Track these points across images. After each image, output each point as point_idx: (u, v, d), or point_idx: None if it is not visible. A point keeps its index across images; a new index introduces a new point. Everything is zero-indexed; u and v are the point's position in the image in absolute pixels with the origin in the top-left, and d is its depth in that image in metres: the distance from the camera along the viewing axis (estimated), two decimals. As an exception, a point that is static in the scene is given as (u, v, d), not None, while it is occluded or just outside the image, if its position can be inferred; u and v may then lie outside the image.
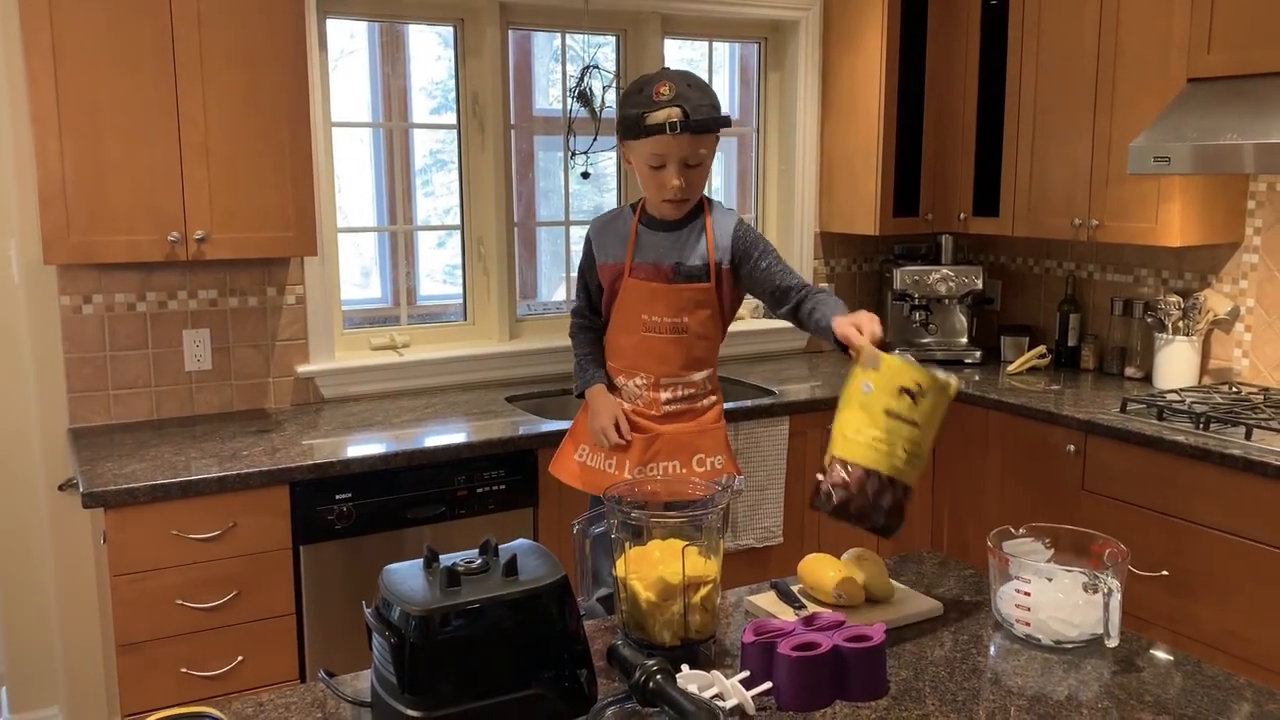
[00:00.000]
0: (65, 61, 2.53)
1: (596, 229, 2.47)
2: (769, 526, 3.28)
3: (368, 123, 3.46)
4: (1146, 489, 2.89)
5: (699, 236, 2.36)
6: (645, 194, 2.37)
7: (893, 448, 1.73)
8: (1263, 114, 2.74)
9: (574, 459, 2.52)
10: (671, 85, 2.21)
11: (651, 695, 1.27)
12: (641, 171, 2.30)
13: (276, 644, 2.63)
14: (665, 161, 2.24)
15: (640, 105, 2.22)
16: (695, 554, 1.51)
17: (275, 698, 1.45)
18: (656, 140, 2.21)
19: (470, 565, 1.37)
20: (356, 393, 3.31)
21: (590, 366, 2.51)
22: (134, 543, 2.45)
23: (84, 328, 2.93)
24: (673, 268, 2.35)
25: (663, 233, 2.37)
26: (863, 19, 3.76)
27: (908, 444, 1.73)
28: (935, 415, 1.76)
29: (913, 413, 1.75)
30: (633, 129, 2.23)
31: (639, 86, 2.26)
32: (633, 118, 2.23)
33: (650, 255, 2.37)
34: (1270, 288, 3.25)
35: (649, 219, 2.39)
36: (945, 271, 3.81)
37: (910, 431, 1.74)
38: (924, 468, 1.82)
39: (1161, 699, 1.44)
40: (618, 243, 2.40)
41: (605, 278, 2.42)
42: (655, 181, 2.28)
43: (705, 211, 2.38)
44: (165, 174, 2.67)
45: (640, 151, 2.25)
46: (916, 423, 1.74)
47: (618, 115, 2.31)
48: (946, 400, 1.77)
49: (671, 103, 2.19)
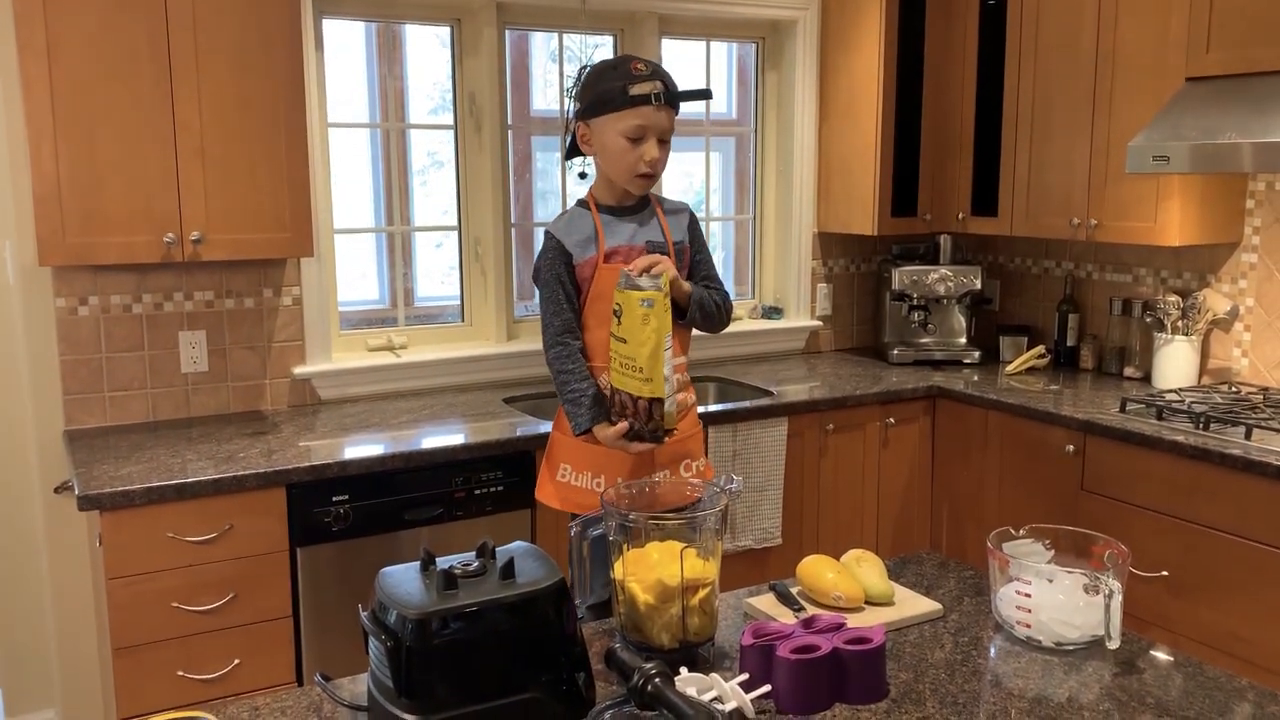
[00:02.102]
0: (60, 62, 2.52)
1: (563, 230, 2.35)
2: (767, 528, 3.27)
3: (364, 123, 3.45)
4: (1146, 489, 2.89)
5: (656, 221, 2.39)
6: (613, 174, 2.32)
7: (612, 364, 2.18)
8: (1261, 113, 2.73)
9: (558, 480, 2.39)
10: (646, 62, 2.28)
11: (650, 698, 1.26)
12: (615, 147, 2.27)
13: (273, 647, 2.62)
14: (646, 134, 2.25)
15: (621, 78, 2.24)
16: (694, 556, 1.50)
17: (271, 701, 1.44)
18: (640, 111, 2.23)
19: (467, 568, 1.36)
20: (353, 394, 3.30)
21: (596, 404, 2.28)
22: (130, 545, 2.44)
23: (79, 330, 2.92)
24: (645, 247, 2.33)
25: (625, 219, 2.36)
26: (861, 19, 3.76)
27: (621, 359, 2.15)
28: (641, 326, 2.10)
29: (618, 330, 2.14)
30: (614, 101, 2.24)
31: (612, 64, 2.30)
32: (615, 89, 2.24)
33: (622, 239, 2.35)
34: (1269, 287, 3.25)
35: (606, 208, 2.37)
36: (944, 271, 3.81)
37: (619, 346, 2.14)
38: (650, 376, 2.13)
39: (1163, 701, 1.43)
40: (586, 237, 2.35)
41: (584, 274, 2.34)
42: (632, 156, 2.27)
43: (653, 200, 2.43)
44: (161, 175, 2.66)
45: (618, 126, 2.25)
46: (623, 339, 2.13)
47: (589, 93, 2.30)
48: (641, 310, 2.09)
49: (652, 76, 2.25)
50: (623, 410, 2.21)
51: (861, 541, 3.49)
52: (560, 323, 2.31)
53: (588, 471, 2.34)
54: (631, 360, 2.13)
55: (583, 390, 2.28)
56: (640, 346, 2.11)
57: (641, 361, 2.11)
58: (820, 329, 4.14)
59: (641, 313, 2.09)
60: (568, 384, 2.30)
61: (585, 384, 2.28)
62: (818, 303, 4.12)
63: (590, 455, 2.32)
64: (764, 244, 4.16)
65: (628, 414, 2.20)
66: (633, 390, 2.16)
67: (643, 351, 2.11)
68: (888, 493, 3.53)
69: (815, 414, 3.33)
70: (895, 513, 3.56)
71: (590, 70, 2.34)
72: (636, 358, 2.12)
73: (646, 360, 2.11)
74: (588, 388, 2.28)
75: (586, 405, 2.27)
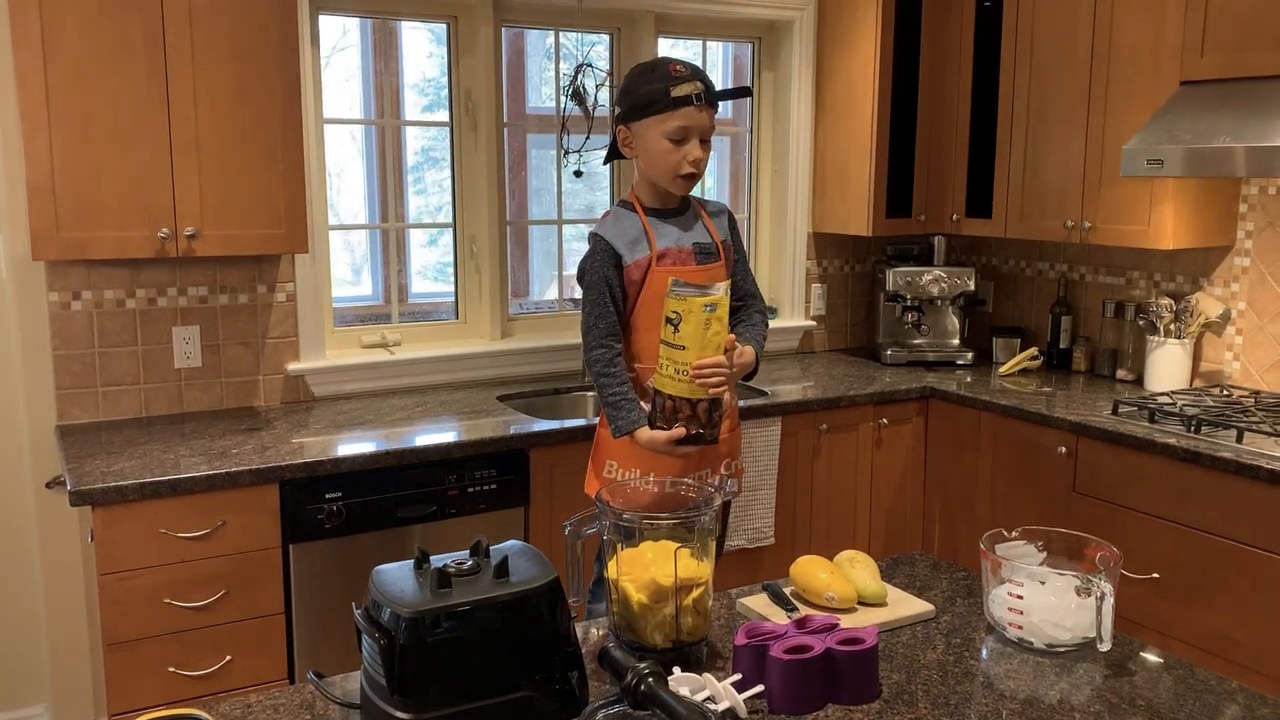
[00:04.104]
0: (54, 55, 2.51)
1: (611, 233, 2.35)
2: (760, 528, 3.28)
3: (360, 119, 3.44)
4: (1138, 492, 2.90)
5: (699, 221, 2.42)
6: (655, 175, 2.34)
7: (663, 370, 2.17)
8: (1255, 117, 2.74)
9: (604, 476, 2.43)
10: (684, 64, 2.29)
11: (643, 698, 1.26)
12: (658, 149, 2.29)
13: (265, 644, 2.62)
14: (688, 134, 2.28)
15: (662, 80, 2.26)
16: (687, 556, 1.50)
17: (264, 699, 1.44)
18: (684, 113, 2.26)
19: (461, 566, 1.36)
20: (347, 391, 3.30)
21: (635, 406, 2.33)
22: (122, 541, 2.44)
23: (72, 324, 2.91)
24: (692, 249, 2.37)
25: (670, 220, 2.38)
26: (857, 19, 3.76)
27: (676, 365, 2.14)
28: (701, 332, 2.10)
29: (674, 338, 2.12)
30: (658, 103, 2.26)
31: (651, 67, 2.31)
32: (658, 91, 2.26)
33: (670, 241, 2.37)
34: (1261, 291, 3.26)
35: (651, 210, 2.39)
36: (937, 273, 3.81)
37: (674, 354, 2.13)
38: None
39: (1153, 703, 1.44)
40: (635, 239, 2.36)
41: (635, 276, 2.35)
42: (675, 157, 2.29)
43: (694, 203, 2.45)
44: (155, 170, 2.65)
45: (661, 128, 2.27)
46: (681, 345, 2.12)
47: (629, 97, 2.32)
48: (704, 315, 2.08)
49: (692, 78, 2.27)
50: (675, 414, 2.21)
51: (854, 542, 3.49)
52: (605, 325, 2.34)
53: (635, 469, 2.36)
54: (689, 366, 2.14)
55: (624, 394, 2.33)
56: (703, 351, 2.12)
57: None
58: (814, 329, 4.14)
59: (704, 317, 2.09)
60: (608, 387, 2.34)
61: (626, 388, 2.34)
62: (812, 303, 4.12)
63: (637, 452, 2.34)
64: (758, 244, 4.16)
65: (681, 417, 2.20)
66: (689, 395, 2.17)
67: (705, 352, 2.12)
68: (881, 493, 3.54)
69: (809, 414, 3.33)
70: (888, 513, 3.57)
71: (629, 74, 2.36)
72: (693, 362, 2.14)
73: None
74: (628, 391, 2.34)
75: (626, 409, 2.32)
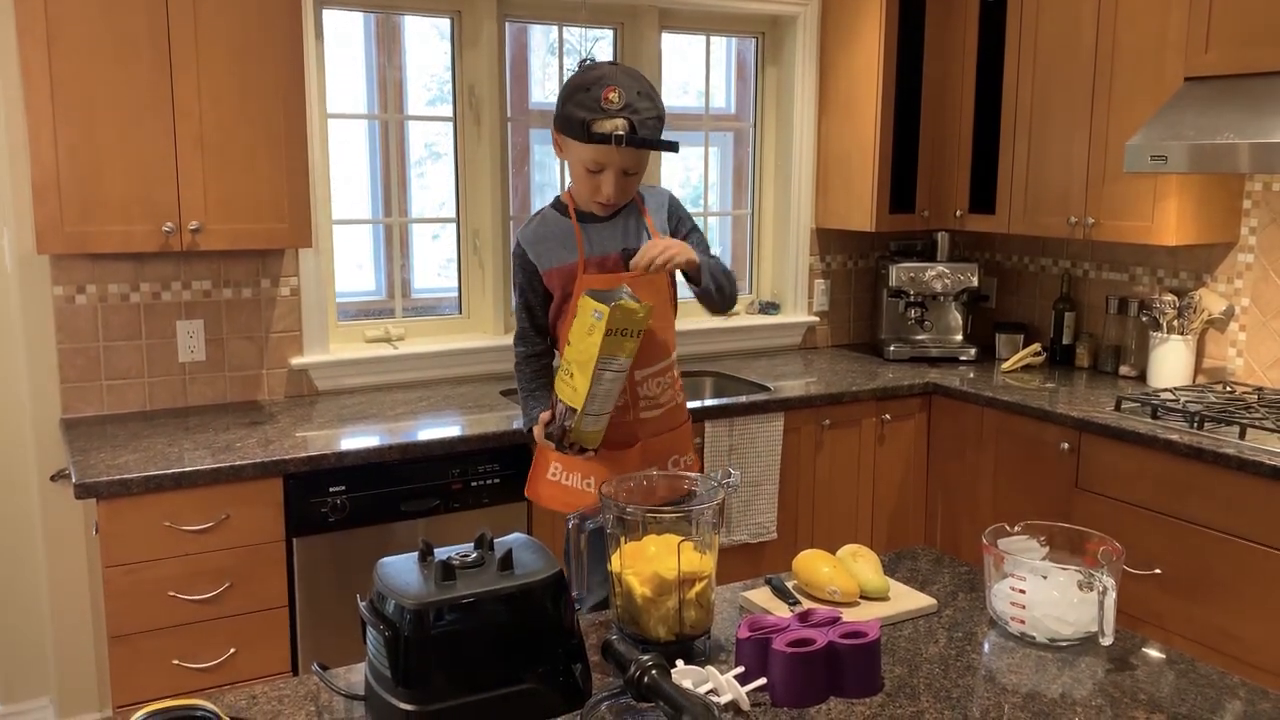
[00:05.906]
0: (59, 50, 2.52)
1: (529, 239, 2.30)
2: (763, 522, 3.28)
3: (363, 114, 3.45)
4: (1140, 488, 2.90)
5: (638, 219, 2.29)
6: (575, 190, 2.26)
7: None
8: (1259, 113, 2.74)
9: (548, 479, 2.36)
10: (621, 92, 2.08)
11: (646, 690, 1.26)
12: (576, 172, 2.20)
13: (269, 636, 2.63)
14: (604, 168, 2.15)
15: (587, 109, 2.09)
16: (690, 549, 1.51)
17: (269, 690, 1.45)
18: (598, 149, 2.11)
19: (465, 559, 1.37)
20: (350, 385, 3.30)
21: (536, 405, 2.36)
22: (126, 534, 2.45)
23: (77, 318, 2.92)
24: (619, 255, 2.26)
25: (603, 223, 2.28)
26: (861, 15, 3.76)
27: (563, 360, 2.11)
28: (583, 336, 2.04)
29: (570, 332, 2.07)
30: (575, 131, 2.11)
31: (585, 84, 2.10)
32: (577, 120, 2.09)
33: (597, 249, 2.27)
34: (1265, 287, 3.26)
35: (583, 214, 2.28)
36: (941, 269, 3.81)
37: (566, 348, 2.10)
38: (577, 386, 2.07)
39: (1155, 697, 1.44)
40: (561, 245, 2.27)
41: (555, 283, 2.28)
42: (589, 184, 2.19)
43: (635, 199, 2.30)
44: (160, 164, 2.65)
45: (579, 154, 2.15)
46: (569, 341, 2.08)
47: (559, 108, 2.17)
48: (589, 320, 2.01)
49: (620, 112, 2.07)
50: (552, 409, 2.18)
51: (857, 536, 3.50)
52: (520, 328, 2.40)
53: (577, 473, 2.31)
54: (567, 364, 2.08)
55: (529, 391, 2.41)
56: (578, 354, 2.04)
57: (574, 368, 2.06)
58: (817, 325, 4.14)
59: (589, 323, 2.00)
60: (518, 385, 2.43)
61: (532, 386, 2.40)
62: (815, 298, 4.13)
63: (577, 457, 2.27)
64: (762, 239, 4.16)
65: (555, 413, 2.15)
66: (560, 392, 2.11)
67: (579, 359, 2.04)
68: (883, 488, 3.54)
69: (811, 409, 3.33)
70: (891, 508, 3.57)
71: (567, 82, 2.20)
72: (571, 363, 2.07)
73: (578, 369, 2.05)
74: (534, 389, 2.40)
75: (529, 408, 2.39)
